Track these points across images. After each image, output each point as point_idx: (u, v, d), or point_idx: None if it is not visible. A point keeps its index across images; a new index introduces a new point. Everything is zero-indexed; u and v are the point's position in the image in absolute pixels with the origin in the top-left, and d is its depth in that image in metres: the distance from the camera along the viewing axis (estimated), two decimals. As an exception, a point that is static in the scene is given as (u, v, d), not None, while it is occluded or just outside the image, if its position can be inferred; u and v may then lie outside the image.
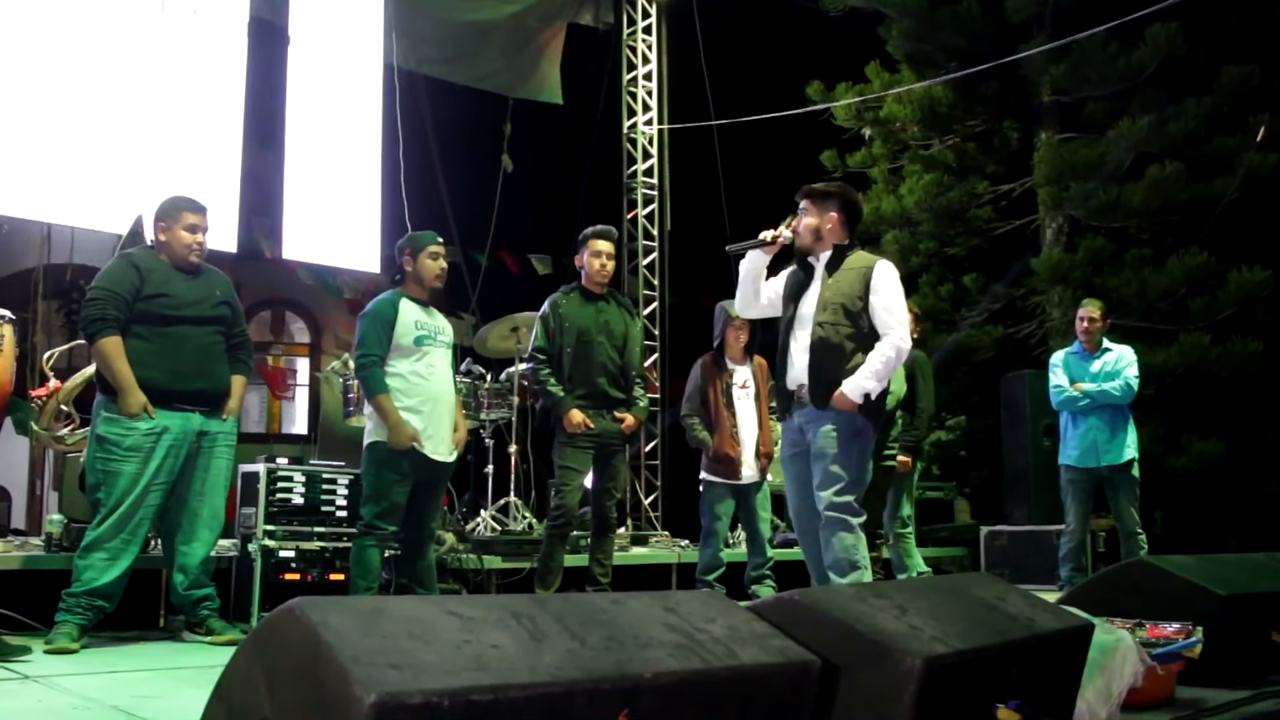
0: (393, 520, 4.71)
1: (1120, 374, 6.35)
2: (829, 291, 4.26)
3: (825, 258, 4.33)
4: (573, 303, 5.32)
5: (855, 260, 4.32)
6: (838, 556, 4.10)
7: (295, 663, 1.46)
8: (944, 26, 10.73)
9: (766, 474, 5.99)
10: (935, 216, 11.15)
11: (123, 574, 4.30)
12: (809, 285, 4.35)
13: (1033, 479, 8.46)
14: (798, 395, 4.27)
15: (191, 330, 4.48)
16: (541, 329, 5.32)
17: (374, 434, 4.73)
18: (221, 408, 4.57)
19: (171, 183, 7.45)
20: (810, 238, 4.33)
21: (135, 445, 4.30)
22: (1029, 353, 10.47)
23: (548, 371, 5.24)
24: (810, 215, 4.34)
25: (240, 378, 4.70)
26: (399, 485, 4.70)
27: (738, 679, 1.72)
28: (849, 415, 4.15)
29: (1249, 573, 3.69)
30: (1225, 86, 9.82)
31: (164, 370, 4.38)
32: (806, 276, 4.38)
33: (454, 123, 10.57)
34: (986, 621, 2.28)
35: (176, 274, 4.51)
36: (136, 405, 4.29)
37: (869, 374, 4.15)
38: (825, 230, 4.33)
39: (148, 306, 4.38)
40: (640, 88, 10.76)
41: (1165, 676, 2.94)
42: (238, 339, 4.72)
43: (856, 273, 4.27)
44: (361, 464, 4.83)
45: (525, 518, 6.68)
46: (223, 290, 4.66)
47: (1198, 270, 9.61)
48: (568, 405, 5.16)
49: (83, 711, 2.93)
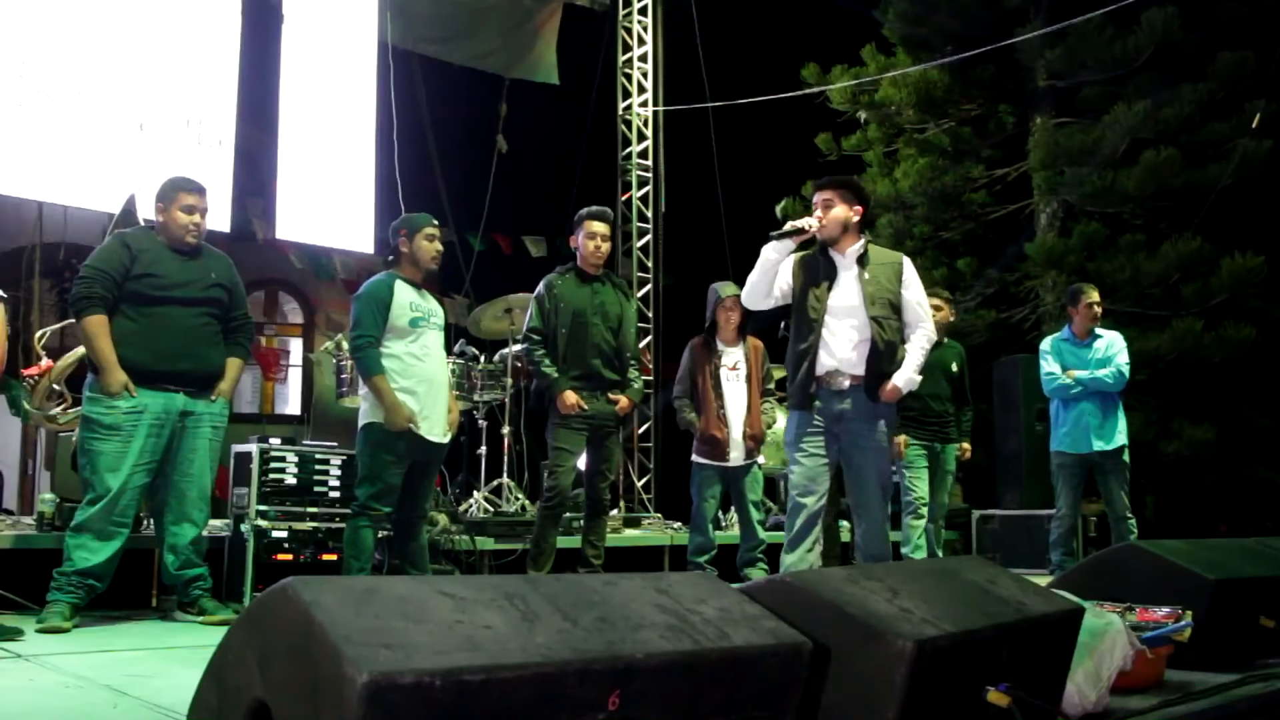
0: (388, 501, 4.71)
1: (1112, 360, 6.36)
2: (872, 286, 4.39)
3: (854, 251, 4.43)
4: (568, 283, 5.32)
5: (879, 255, 4.50)
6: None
7: (287, 642, 1.46)
8: (940, 10, 10.73)
9: (756, 456, 5.99)
10: (930, 200, 11.16)
11: (113, 555, 4.29)
12: (836, 276, 4.43)
13: (1025, 463, 8.50)
14: (831, 383, 4.38)
15: (179, 311, 4.45)
16: (536, 309, 5.32)
17: (369, 415, 4.72)
18: (209, 389, 4.55)
19: (164, 162, 7.45)
20: (838, 230, 4.42)
21: (115, 424, 4.29)
22: (1022, 337, 10.50)
23: (542, 352, 5.24)
24: (838, 207, 4.42)
25: (236, 360, 4.68)
26: (394, 466, 4.70)
27: (729, 660, 1.72)
28: (890, 408, 4.44)
29: (1238, 558, 3.70)
30: (1221, 72, 9.82)
31: (146, 350, 4.36)
32: (829, 267, 4.45)
33: (449, 103, 10.54)
34: (977, 605, 2.29)
35: (171, 255, 4.49)
36: (116, 384, 4.28)
37: (914, 367, 4.40)
38: (853, 224, 4.44)
39: (135, 286, 4.38)
40: (636, 69, 10.73)
41: (1155, 660, 2.95)
42: (237, 321, 4.70)
43: (890, 267, 4.44)
44: (356, 445, 4.81)
45: (518, 499, 6.69)
46: (220, 272, 4.63)
47: (1191, 256, 9.64)
48: (562, 386, 5.16)
49: (75, 690, 2.93)
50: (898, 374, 4.36)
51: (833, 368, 4.37)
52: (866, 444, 4.39)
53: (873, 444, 4.39)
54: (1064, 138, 10.35)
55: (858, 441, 4.40)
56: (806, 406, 4.42)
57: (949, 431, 6.38)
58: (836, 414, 4.39)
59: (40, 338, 5.28)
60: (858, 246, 4.44)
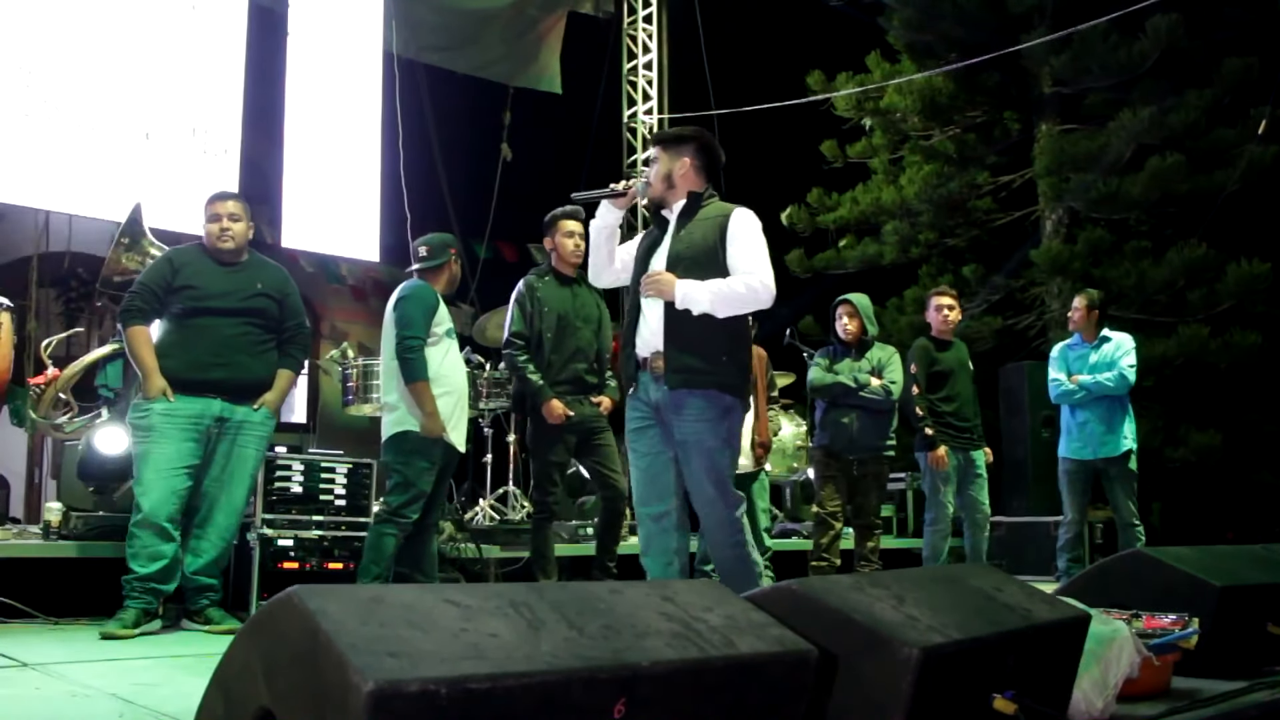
0: (418, 509, 4.71)
1: (1116, 365, 6.35)
2: (680, 244, 3.78)
3: (679, 207, 3.87)
4: (549, 286, 5.21)
5: (712, 209, 3.84)
6: (732, 565, 3.73)
7: (293, 651, 1.46)
8: (945, 16, 10.72)
9: (764, 464, 5.99)
10: (935, 207, 11.15)
11: (169, 564, 4.37)
12: (662, 241, 3.87)
13: (1031, 470, 8.48)
14: (650, 365, 3.79)
15: (217, 321, 4.54)
16: (518, 313, 5.17)
17: (404, 422, 4.67)
18: (251, 397, 4.60)
19: (170, 171, 7.48)
20: (662, 186, 3.87)
21: (150, 425, 4.40)
22: (1028, 344, 10.49)
23: (525, 358, 5.09)
24: (661, 162, 3.89)
25: (286, 371, 4.74)
26: (429, 474, 4.71)
27: (735, 668, 1.72)
28: (715, 395, 3.68)
29: (1245, 564, 3.69)
30: (1226, 78, 9.81)
31: (182, 359, 4.48)
32: (661, 232, 3.91)
33: (453, 111, 10.55)
34: (984, 612, 2.28)
35: (214, 267, 4.60)
36: (156, 389, 4.41)
37: (705, 289, 3.65)
38: (678, 177, 3.85)
39: (175, 299, 4.52)
40: (640, 77, 10.75)
41: (1161, 667, 2.94)
42: (290, 332, 4.75)
43: (711, 223, 3.78)
44: (386, 453, 4.77)
45: (523, 507, 6.69)
46: (267, 282, 4.69)
47: (1197, 262, 9.62)
48: (547, 395, 5.01)
49: (81, 699, 2.94)
50: (683, 282, 3.66)
51: (655, 349, 3.75)
52: (684, 436, 3.71)
53: (691, 435, 3.68)
54: (1069, 144, 10.34)
55: (673, 434, 3.76)
56: (632, 391, 3.88)
57: (974, 436, 6.29)
58: (656, 403, 3.79)
59: (47, 346, 5.31)
60: (683, 201, 3.86)
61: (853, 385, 5.87)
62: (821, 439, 6.06)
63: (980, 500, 6.23)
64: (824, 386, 5.99)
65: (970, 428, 6.25)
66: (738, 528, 3.75)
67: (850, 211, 11.43)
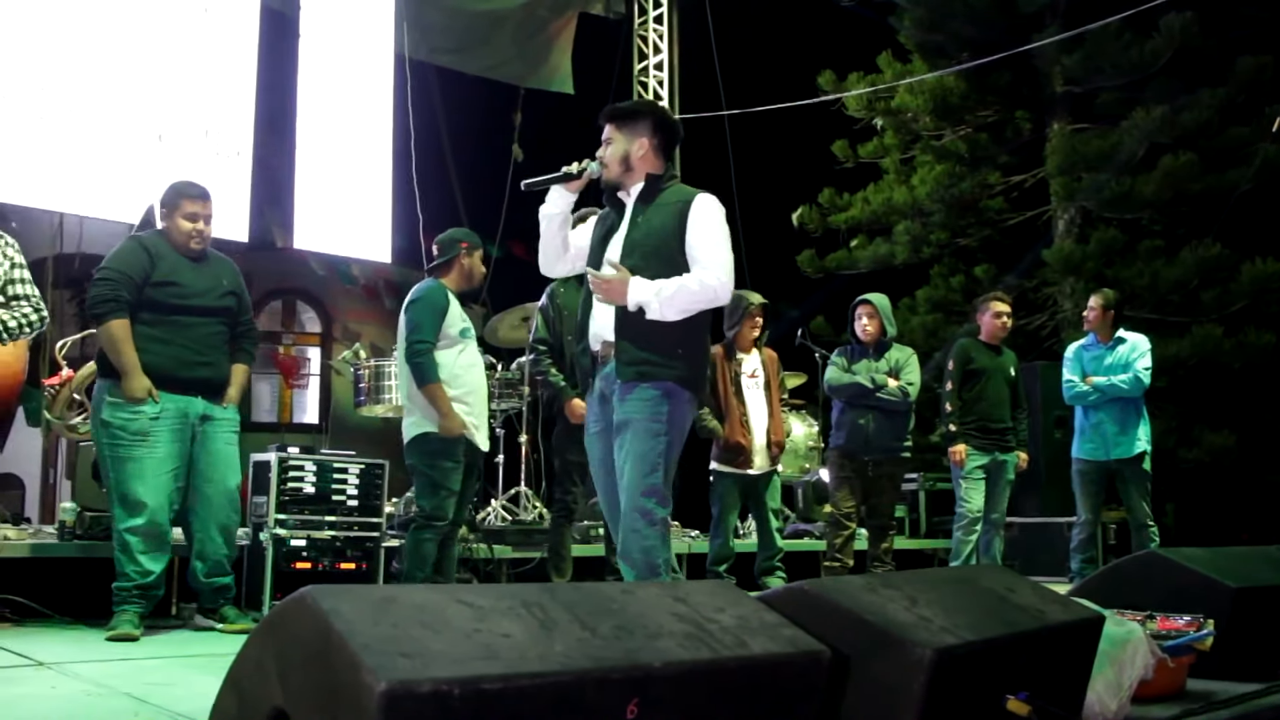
0: (450, 508, 4.74)
1: (1131, 366, 6.33)
2: (638, 232, 3.53)
3: (636, 191, 3.62)
4: (570, 290, 5.27)
5: (673, 194, 3.58)
6: (636, 556, 3.40)
7: (306, 651, 1.46)
8: (956, 16, 10.71)
9: (778, 464, 6.00)
10: (947, 207, 11.13)
11: (164, 570, 4.35)
12: (619, 227, 3.63)
13: (1044, 471, 8.44)
14: (601, 356, 3.58)
15: (197, 320, 4.45)
16: (542, 321, 5.36)
17: (421, 426, 4.70)
18: (220, 395, 4.54)
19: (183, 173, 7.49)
20: (619, 168, 3.62)
21: (142, 430, 4.26)
22: (1041, 344, 10.46)
23: (549, 362, 5.30)
24: (616, 142, 3.63)
25: (242, 366, 4.66)
26: (455, 473, 4.74)
27: (747, 669, 1.72)
28: (671, 387, 3.43)
29: (1260, 565, 3.67)
30: (1240, 77, 9.78)
31: (168, 356, 4.35)
32: (618, 216, 3.66)
33: (465, 112, 10.56)
34: (997, 613, 2.28)
35: (184, 261, 4.47)
36: (140, 389, 4.24)
37: (655, 290, 3.39)
38: (636, 159, 3.61)
39: (156, 294, 4.35)
40: (651, 77, 10.74)
41: (1176, 669, 2.93)
42: (244, 328, 4.70)
43: (671, 209, 3.52)
44: (410, 458, 4.79)
45: (535, 507, 6.69)
46: (229, 280, 4.62)
47: (1210, 262, 9.59)
48: (569, 395, 5.17)
49: (95, 698, 2.95)
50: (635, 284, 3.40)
51: (605, 339, 3.55)
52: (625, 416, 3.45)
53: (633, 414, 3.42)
54: (1081, 144, 10.31)
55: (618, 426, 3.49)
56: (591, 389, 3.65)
57: (1009, 440, 6.26)
58: (604, 392, 3.57)
59: (61, 348, 5.32)
60: (641, 185, 3.60)
61: (870, 386, 5.88)
62: (837, 439, 6.06)
63: (999, 501, 6.24)
64: (841, 386, 5.99)
65: (1002, 430, 6.23)
66: (651, 520, 3.39)
67: (862, 211, 11.42)
